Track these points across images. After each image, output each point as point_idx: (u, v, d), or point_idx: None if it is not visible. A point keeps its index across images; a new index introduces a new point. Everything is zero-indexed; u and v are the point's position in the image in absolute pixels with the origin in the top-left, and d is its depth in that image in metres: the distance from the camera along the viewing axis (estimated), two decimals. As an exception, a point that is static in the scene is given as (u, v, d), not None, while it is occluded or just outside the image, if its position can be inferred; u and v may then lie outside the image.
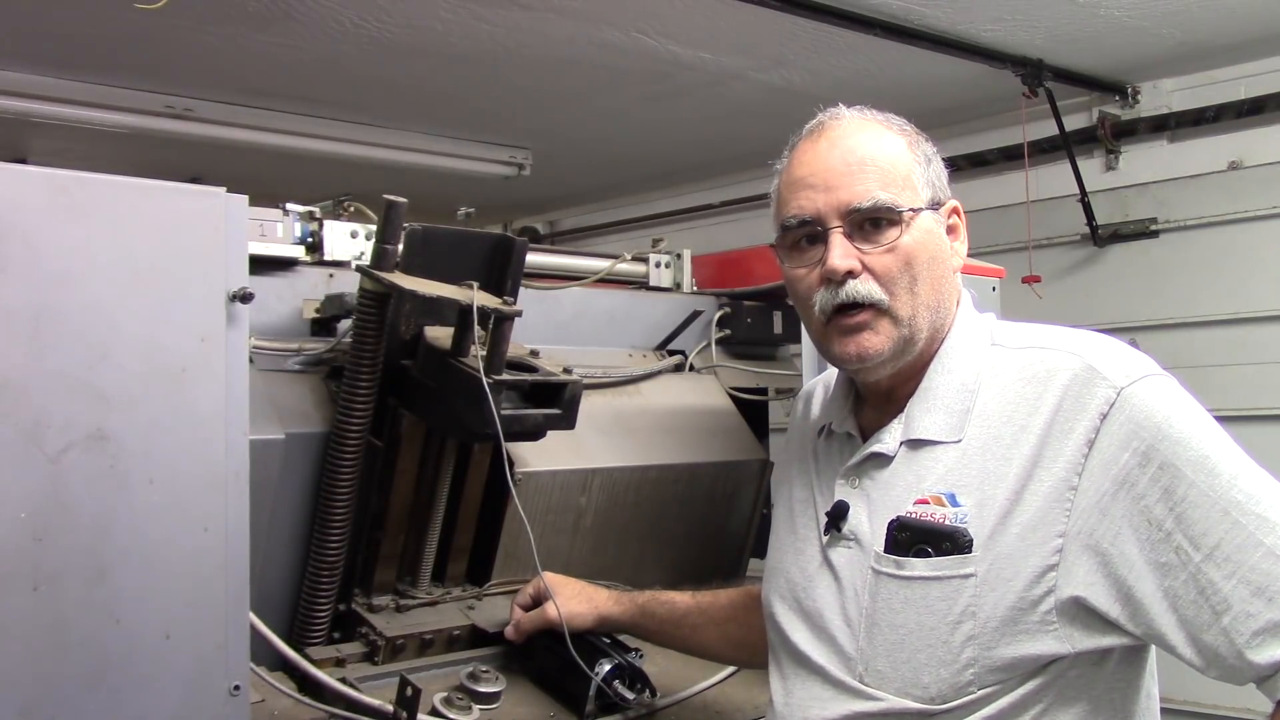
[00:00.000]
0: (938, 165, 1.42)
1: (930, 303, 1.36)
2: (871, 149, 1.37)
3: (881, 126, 1.41)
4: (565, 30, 3.62)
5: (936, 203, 1.39)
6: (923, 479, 1.31)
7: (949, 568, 1.26)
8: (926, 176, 1.39)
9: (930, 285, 1.36)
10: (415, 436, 1.88)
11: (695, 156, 5.34)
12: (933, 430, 1.33)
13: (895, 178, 1.36)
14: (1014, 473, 1.25)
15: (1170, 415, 1.21)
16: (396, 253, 1.75)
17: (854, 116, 1.42)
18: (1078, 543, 1.21)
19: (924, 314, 1.36)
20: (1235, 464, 1.19)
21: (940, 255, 1.38)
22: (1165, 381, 1.25)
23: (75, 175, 1.35)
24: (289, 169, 4.93)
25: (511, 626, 1.85)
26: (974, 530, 1.26)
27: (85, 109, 4.12)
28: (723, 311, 2.57)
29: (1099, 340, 1.31)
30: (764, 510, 2.50)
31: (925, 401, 1.36)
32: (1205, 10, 3.52)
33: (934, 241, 1.37)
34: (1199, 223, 4.09)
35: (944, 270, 1.39)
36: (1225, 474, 1.18)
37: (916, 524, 1.29)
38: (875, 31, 3.53)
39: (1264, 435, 3.89)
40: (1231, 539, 1.15)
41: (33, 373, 1.30)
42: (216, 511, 1.43)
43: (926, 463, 1.32)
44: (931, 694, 1.26)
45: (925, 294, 1.36)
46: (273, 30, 3.58)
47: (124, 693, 1.36)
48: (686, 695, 1.88)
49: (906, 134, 1.42)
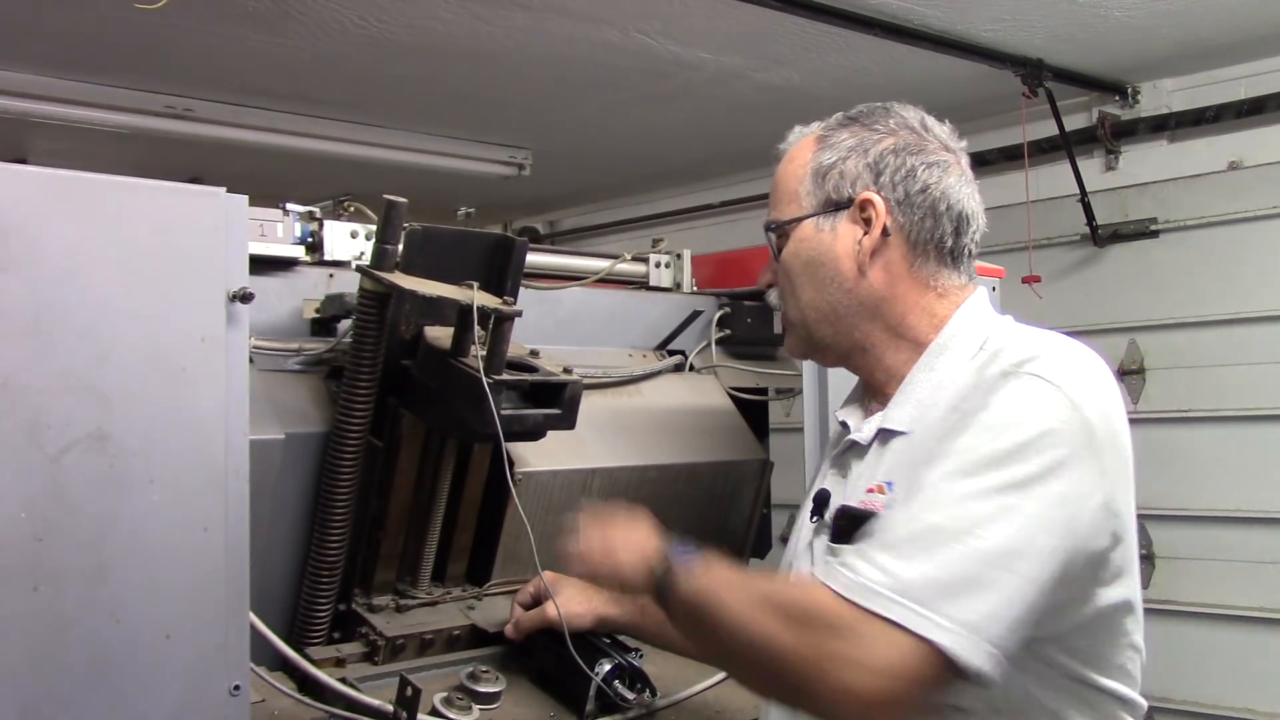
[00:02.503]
0: (853, 161, 1.41)
1: (817, 304, 1.42)
2: (778, 172, 1.48)
3: (804, 143, 1.46)
4: (565, 30, 3.62)
5: (835, 204, 1.40)
6: (879, 467, 1.34)
7: None
8: (820, 180, 1.42)
9: (813, 289, 1.42)
10: (415, 436, 1.88)
11: (695, 156, 5.34)
12: (899, 421, 1.36)
13: (784, 195, 1.45)
14: (923, 454, 1.26)
15: (1007, 407, 1.21)
16: (396, 253, 1.75)
17: (796, 137, 1.49)
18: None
19: (813, 316, 1.43)
20: (992, 479, 1.17)
21: (821, 259, 1.41)
22: (1039, 385, 1.22)
23: (75, 175, 1.36)
24: (289, 169, 4.93)
25: (511, 625, 1.85)
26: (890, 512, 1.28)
27: (85, 109, 4.12)
28: (723, 311, 2.57)
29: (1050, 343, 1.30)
30: (764, 510, 2.50)
31: (902, 395, 1.38)
32: (1205, 10, 3.52)
33: (810, 248, 1.41)
34: (1199, 223, 4.09)
35: (830, 272, 1.40)
36: (974, 485, 1.18)
37: (853, 512, 1.33)
38: (875, 31, 3.53)
39: (1264, 435, 3.89)
40: (924, 496, 1.19)
41: (33, 372, 1.31)
42: (216, 511, 1.43)
43: (887, 453, 1.35)
44: None
45: (808, 298, 1.43)
46: (273, 30, 3.58)
47: (124, 692, 1.36)
48: (686, 695, 1.88)
49: (822, 140, 1.44)
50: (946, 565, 1.13)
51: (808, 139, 1.46)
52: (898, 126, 1.42)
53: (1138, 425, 1.32)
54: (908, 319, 1.40)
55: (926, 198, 1.39)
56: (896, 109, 1.45)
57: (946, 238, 1.41)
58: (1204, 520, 3.97)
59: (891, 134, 1.42)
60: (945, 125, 1.48)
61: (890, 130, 1.42)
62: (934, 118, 1.47)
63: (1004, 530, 1.15)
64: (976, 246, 1.45)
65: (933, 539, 1.15)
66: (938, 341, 1.39)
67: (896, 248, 1.39)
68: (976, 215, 1.44)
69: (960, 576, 1.13)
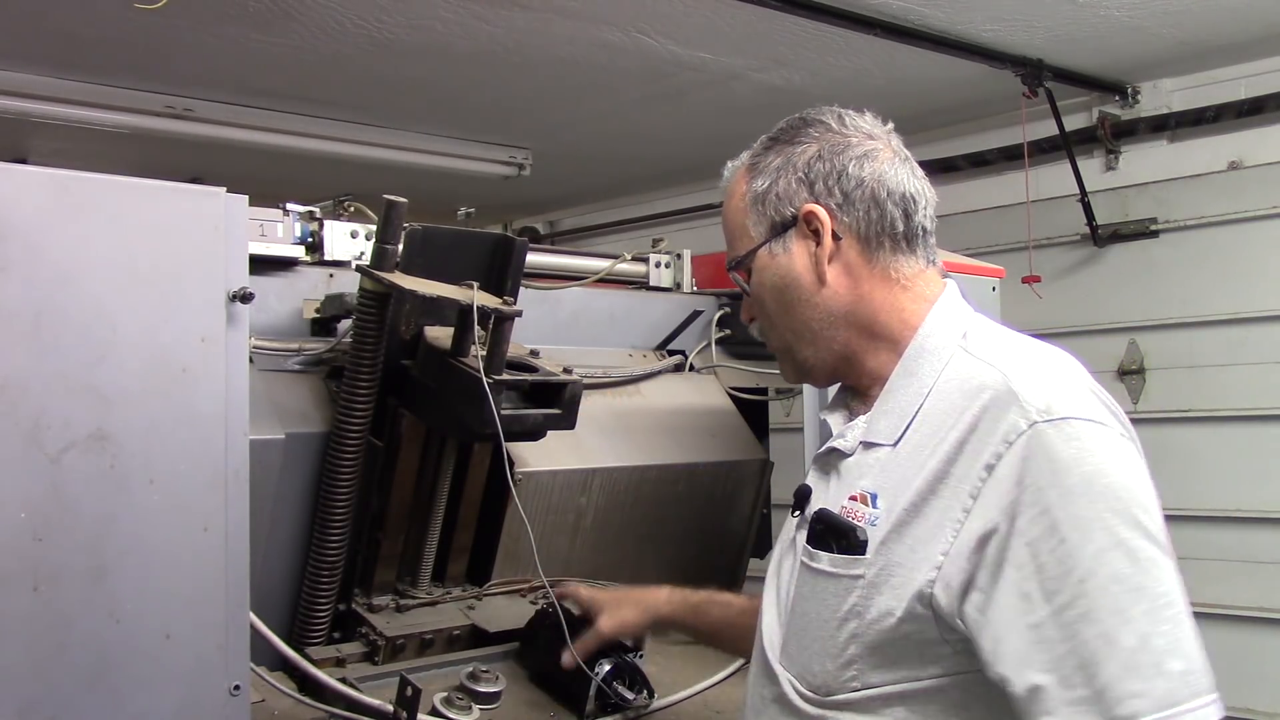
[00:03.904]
0: (784, 180, 1.41)
1: (793, 327, 1.43)
2: (724, 212, 1.50)
3: (737, 177, 1.47)
4: (565, 30, 3.62)
5: (780, 225, 1.41)
6: (862, 476, 1.33)
7: (842, 566, 1.28)
8: (760, 207, 1.42)
9: (784, 314, 1.43)
10: (415, 436, 1.88)
11: (695, 156, 5.33)
12: (881, 434, 1.34)
13: (733, 232, 1.47)
14: (921, 482, 1.24)
15: (1072, 465, 1.16)
16: (396, 253, 1.75)
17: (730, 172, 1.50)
18: (954, 565, 1.20)
19: (792, 339, 1.44)
20: (1116, 537, 1.15)
21: (784, 282, 1.41)
22: (1084, 428, 1.19)
23: (75, 175, 1.36)
24: (289, 169, 4.94)
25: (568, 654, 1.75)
26: (876, 533, 1.27)
27: (85, 109, 4.12)
28: (723, 311, 2.57)
29: (1045, 365, 1.28)
30: (764, 510, 2.50)
31: (885, 404, 1.37)
32: (1205, 10, 3.52)
33: (771, 275, 1.42)
34: (1199, 223, 4.09)
35: (795, 293, 1.41)
36: (1099, 543, 1.14)
37: (829, 518, 1.32)
38: (875, 31, 3.53)
39: (1264, 435, 3.89)
40: (1076, 607, 1.13)
41: (33, 373, 1.31)
42: (216, 511, 1.43)
43: (869, 461, 1.34)
44: (817, 683, 1.30)
45: (784, 323, 1.44)
46: (273, 30, 3.58)
47: (124, 692, 1.36)
48: (686, 695, 1.88)
49: (752, 169, 1.45)
50: (1152, 659, 1.12)
51: (740, 172, 1.48)
52: (818, 133, 1.42)
53: (1138, 425, 1.31)
54: (879, 319, 1.40)
55: (864, 191, 1.39)
56: (812, 115, 1.45)
57: (897, 223, 1.39)
58: (1203, 520, 3.97)
59: (813, 141, 1.42)
60: (865, 114, 1.46)
61: (811, 138, 1.42)
62: (853, 110, 1.46)
63: (1164, 587, 1.15)
64: (932, 223, 1.43)
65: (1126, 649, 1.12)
66: (915, 344, 1.37)
67: (851, 248, 1.39)
68: (922, 192, 1.42)
69: (1164, 654, 1.12)
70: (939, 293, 1.41)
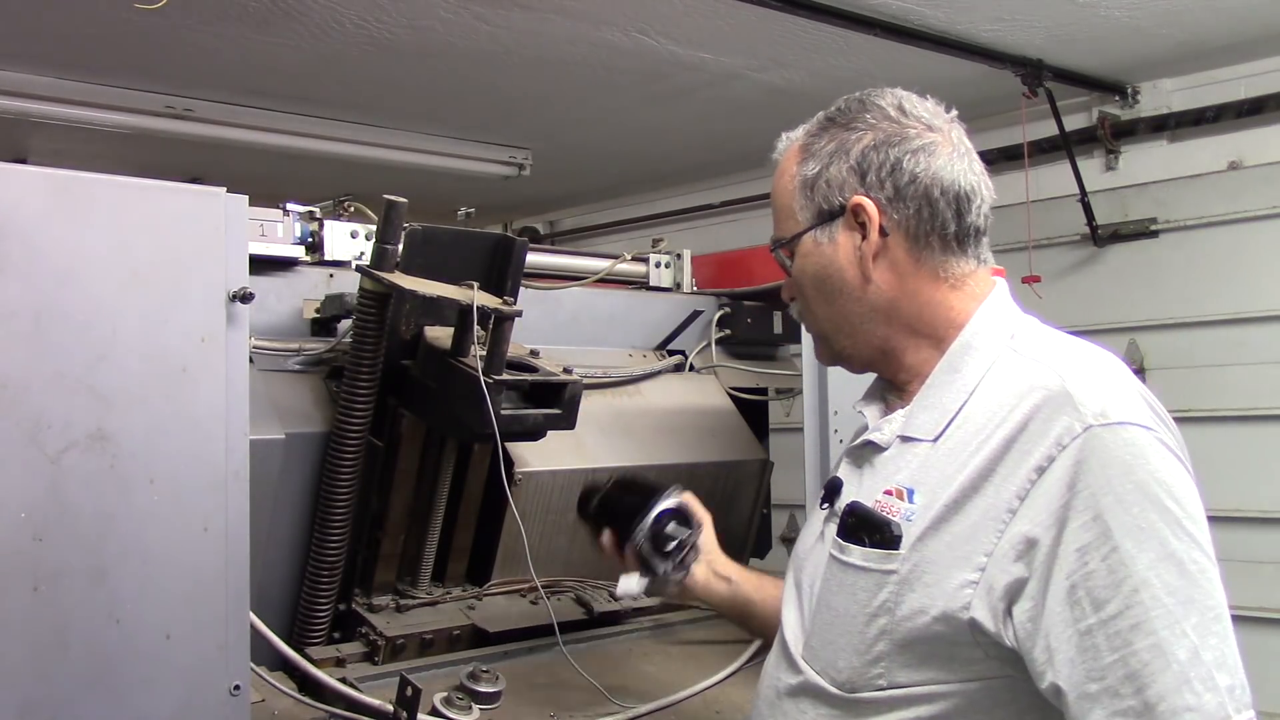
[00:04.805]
0: (836, 167, 1.36)
1: (832, 317, 1.40)
2: (773, 187, 1.46)
3: (790, 153, 1.43)
4: (565, 30, 3.62)
5: (827, 214, 1.37)
6: (898, 471, 1.31)
7: (875, 561, 1.26)
8: (809, 192, 1.39)
9: (824, 302, 1.40)
10: (415, 436, 1.88)
11: (695, 156, 5.34)
12: (921, 429, 1.32)
13: (781, 211, 1.44)
14: (964, 479, 1.22)
15: (1127, 471, 1.15)
16: (396, 253, 1.75)
17: (784, 145, 1.46)
18: (998, 567, 1.18)
19: (830, 328, 1.42)
20: (1169, 548, 1.13)
21: (826, 272, 1.38)
22: (1139, 434, 1.17)
23: (75, 175, 1.36)
24: (289, 169, 4.93)
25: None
26: (911, 528, 1.24)
27: (85, 109, 4.12)
28: (723, 311, 2.57)
29: (1098, 369, 1.25)
30: (764, 510, 2.50)
31: (925, 399, 1.34)
32: (1205, 10, 3.52)
33: (814, 263, 1.39)
34: (1199, 223, 4.09)
35: (837, 284, 1.37)
36: (1154, 552, 1.13)
37: (862, 512, 1.30)
38: (875, 31, 3.52)
39: (1264, 435, 3.89)
40: (1128, 616, 1.12)
41: (33, 373, 1.31)
42: (216, 511, 1.43)
43: (907, 456, 1.31)
44: (843, 679, 1.27)
45: (823, 311, 1.41)
46: (273, 30, 3.58)
47: (124, 692, 1.36)
48: (686, 695, 1.88)
49: (805, 150, 1.40)
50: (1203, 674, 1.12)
51: (793, 149, 1.43)
52: (876, 119, 1.37)
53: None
54: (924, 316, 1.36)
55: (917, 188, 1.33)
56: (874, 99, 1.40)
57: (948, 224, 1.34)
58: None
59: (869, 129, 1.36)
60: (928, 101, 1.41)
61: (868, 125, 1.37)
62: (917, 96, 1.42)
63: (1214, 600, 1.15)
64: (986, 221, 1.38)
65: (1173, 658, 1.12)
66: (961, 340, 1.34)
67: (898, 245, 1.34)
68: (978, 189, 1.36)
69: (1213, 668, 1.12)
70: (988, 291, 1.38)
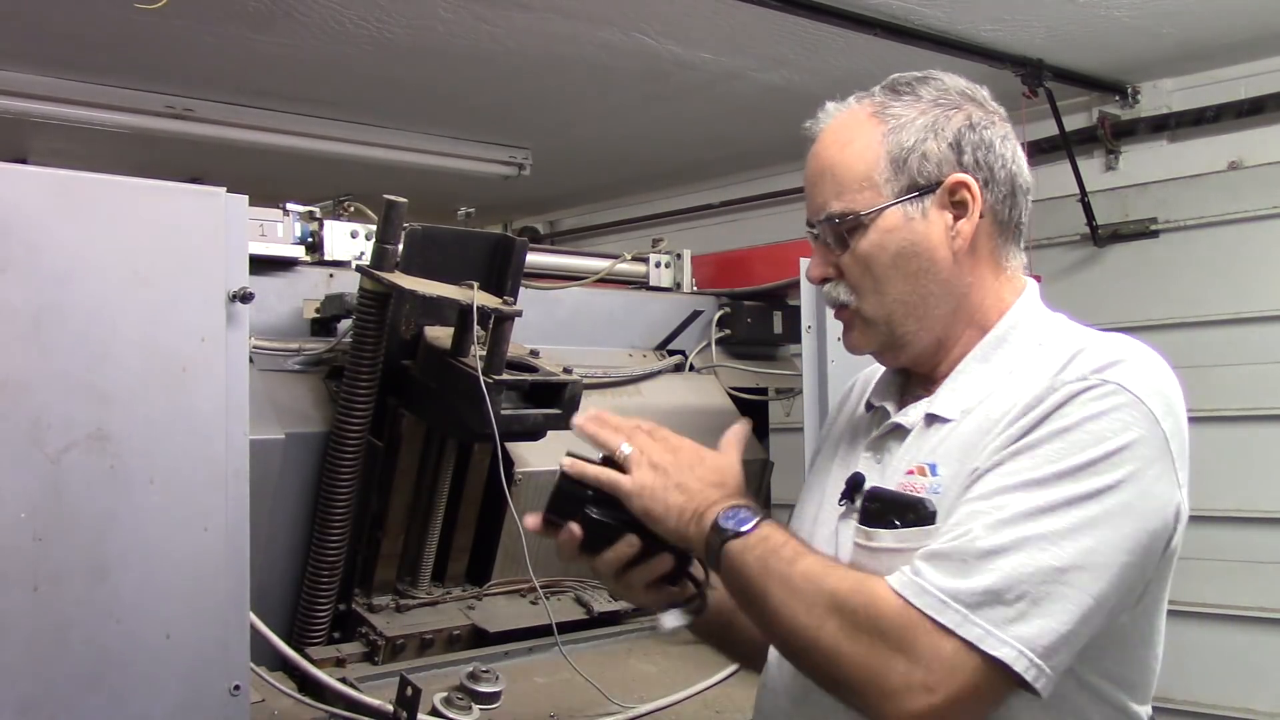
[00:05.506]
0: (933, 142, 1.32)
1: (907, 298, 1.33)
2: (833, 156, 1.35)
3: (857, 121, 1.35)
4: (565, 30, 3.61)
5: (920, 188, 1.31)
6: (919, 452, 1.30)
7: (913, 539, 1.23)
8: (901, 164, 1.32)
9: (903, 282, 1.33)
10: (415, 436, 1.88)
11: (695, 156, 5.33)
12: (946, 409, 1.31)
13: (851, 182, 1.33)
14: (990, 447, 1.22)
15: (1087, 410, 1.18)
16: (396, 253, 1.75)
17: (836, 117, 1.38)
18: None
19: (900, 311, 1.34)
20: (1067, 490, 1.15)
21: (914, 249, 1.32)
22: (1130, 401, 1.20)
23: (76, 175, 1.36)
24: (289, 169, 4.93)
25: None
26: (943, 500, 1.24)
27: (85, 109, 4.11)
28: (723, 311, 2.57)
29: (1120, 340, 1.28)
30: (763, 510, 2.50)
31: (954, 383, 1.33)
32: (1205, 10, 3.52)
33: (900, 238, 1.32)
34: (1199, 223, 4.09)
35: (925, 262, 1.32)
36: (1053, 480, 1.16)
37: (886, 495, 1.28)
38: (875, 31, 3.52)
39: (1264, 435, 3.89)
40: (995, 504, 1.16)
41: (33, 373, 1.31)
42: (216, 511, 1.43)
43: (931, 437, 1.31)
44: None
45: (896, 292, 1.33)
46: (273, 30, 3.58)
47: (124, 692, 1.36)
48: (686, 695, 1.88)
49: (888, 120, 1.33)
50: (1018, 581, 1.12)
51: (861, 119, 1.35)
52: (961, 99, 1.35)
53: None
54: (983, 305, 1.35)
55: (1006, 174, 1.33)
56: (946, 79, 1.37)
57: (1023, 212, 1.35)
58: (1204, 520, 3.95)
59: (957, 108, 1.34)
60: (983, 89, 1.40)
61: (955, 104, 1.34)
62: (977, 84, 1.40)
63: (1076, 546, 1.14)
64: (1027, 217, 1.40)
65: (1006, 553, 1.13)
66: (995, 333, 1.34)
67: (985, 231, 1.33)
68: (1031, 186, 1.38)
69: (1030, 594, 1.12)
70: (1023, 287, 1.39)
